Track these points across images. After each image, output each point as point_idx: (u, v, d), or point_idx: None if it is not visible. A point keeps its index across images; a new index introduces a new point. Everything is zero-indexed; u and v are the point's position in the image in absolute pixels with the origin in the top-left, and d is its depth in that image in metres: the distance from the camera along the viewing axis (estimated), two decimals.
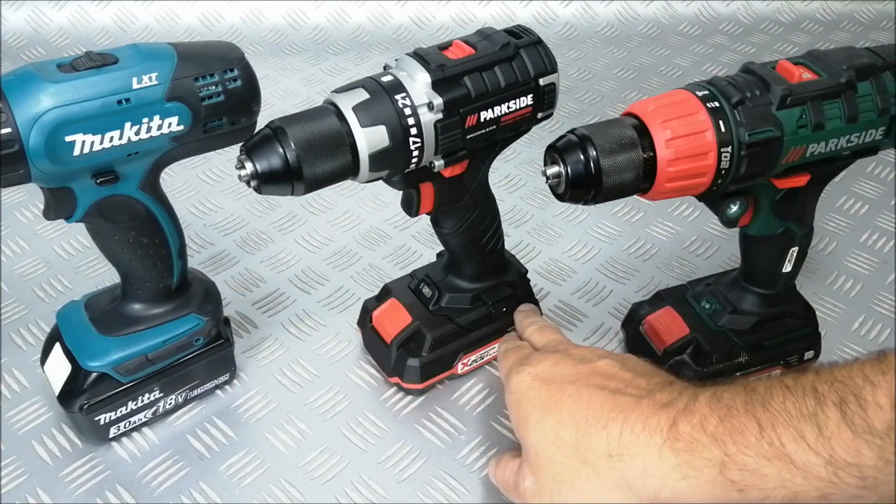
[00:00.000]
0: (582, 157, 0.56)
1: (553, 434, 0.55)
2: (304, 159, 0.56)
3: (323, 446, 0.71)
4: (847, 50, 0.63)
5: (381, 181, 0.63)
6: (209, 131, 0.61)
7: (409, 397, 0.76)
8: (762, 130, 0.57)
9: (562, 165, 0.57)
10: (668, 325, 0.74)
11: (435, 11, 1.40)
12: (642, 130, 0.57)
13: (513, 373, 0.61)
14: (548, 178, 0.58)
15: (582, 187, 0.57)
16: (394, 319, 0.74)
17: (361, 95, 0.58)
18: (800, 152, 0.60)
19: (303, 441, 0.71)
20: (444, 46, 0.63)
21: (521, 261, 0.82)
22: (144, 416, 0.70)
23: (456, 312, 0.74)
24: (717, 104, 0.57)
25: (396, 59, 0.62)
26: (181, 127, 0.59)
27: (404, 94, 0.59)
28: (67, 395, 0.66)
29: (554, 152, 0.58)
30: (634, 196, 0.59)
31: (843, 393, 0.45)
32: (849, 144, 0.62)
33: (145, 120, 0.57)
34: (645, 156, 0.57)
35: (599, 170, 0.56)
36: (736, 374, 0.72)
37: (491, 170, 0.69)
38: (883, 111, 0.61)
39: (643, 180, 0.57)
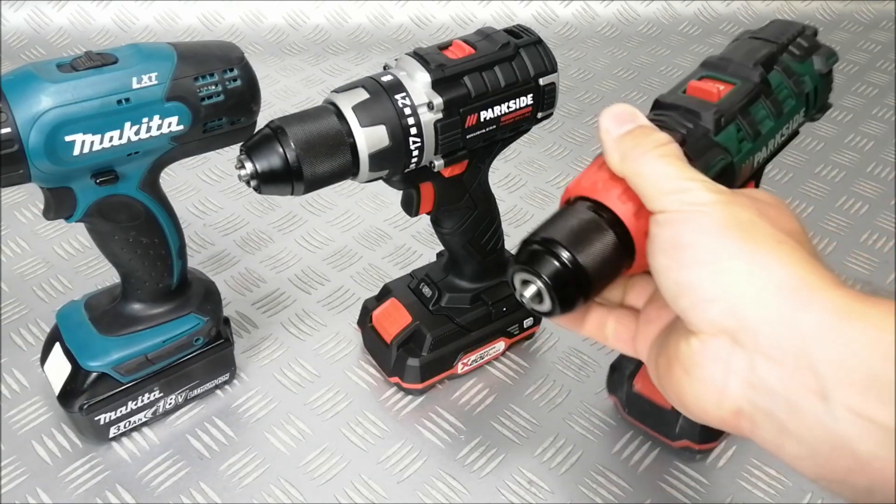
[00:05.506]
0: (557, 263, 0.44)
1: None
2: (304, 159, 0.56)
3: (323, 446, 0.71)
4: (742, 46, 0.60)
5: (381, 181, 0.63)
6: (209, 131, 0.61)
7: (409, 397, 0.76)
8: (716, 162, 0.50)
9: (537, 279, 0.45)
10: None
11: (435, 11, 1.40)
12: (599, 208, 0.44)
13: None
14: (524, 297, 0.46)
15: (568, 294, 0.44)
16: (394, 319, 0.74)
17: (361, 95, 0.58)
18: (749, 168, 0.55)
19: (303, 441, 0.71)
20: (444, 46, 0.63)
21: None
22: (144, 416, 0.70)
23: (456, 312, 0.74)
24: None
25: (396, 59, 0.62)
26: (181, 127, 0.59)
27: (404, 94, 0.59)
28: (67, 395, 0.66)
29: (525, 267, 0.46)
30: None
31: None
32: (782, 138, 0.59)
33: (145, 120, 0.57)
34: (616, 231, 0.43)
35: (584, 271, 0.43)
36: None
37: (491, 170, 0.69)
38: (798, 94, 0.59)
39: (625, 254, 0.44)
